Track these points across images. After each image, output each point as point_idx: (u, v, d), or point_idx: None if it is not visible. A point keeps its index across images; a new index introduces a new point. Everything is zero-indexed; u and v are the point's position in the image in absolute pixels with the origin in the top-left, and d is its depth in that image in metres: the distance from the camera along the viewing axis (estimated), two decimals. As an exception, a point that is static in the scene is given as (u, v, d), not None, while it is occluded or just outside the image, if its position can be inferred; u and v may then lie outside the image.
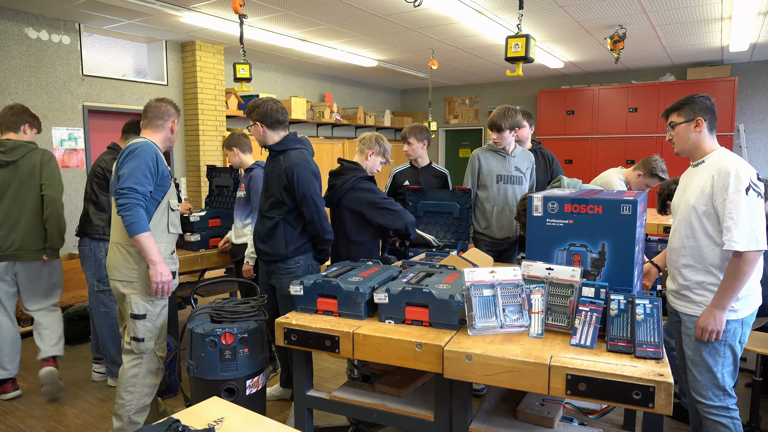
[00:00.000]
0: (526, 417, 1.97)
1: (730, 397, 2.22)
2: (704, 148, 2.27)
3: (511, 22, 5.33)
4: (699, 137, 2.27)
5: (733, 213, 2.06)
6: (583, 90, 8.35)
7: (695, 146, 2.28)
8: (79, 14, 5.20)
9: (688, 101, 2.29)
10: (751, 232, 2.04)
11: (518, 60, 3.51)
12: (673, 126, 2.33)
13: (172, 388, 3.39)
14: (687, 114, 2.28)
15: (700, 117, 2.25)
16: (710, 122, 2.26)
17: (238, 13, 4.24)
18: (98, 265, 3.40)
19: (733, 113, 7.19)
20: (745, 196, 2.06)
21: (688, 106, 2.28)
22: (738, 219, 2.05)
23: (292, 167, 2.74)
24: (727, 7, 4.98)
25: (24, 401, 3.38)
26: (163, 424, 1.38)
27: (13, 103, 3.47)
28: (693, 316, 2.25)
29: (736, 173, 2.09)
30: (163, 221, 2.60)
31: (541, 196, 2.05)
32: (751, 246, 2.04)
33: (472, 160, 3.55)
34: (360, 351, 1.94)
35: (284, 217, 2.82)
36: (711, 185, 2.16)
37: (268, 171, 2.91)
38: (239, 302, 2.57)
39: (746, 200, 2.06)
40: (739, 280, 2.08)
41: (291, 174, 2.73)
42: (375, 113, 9.63)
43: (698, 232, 2.21)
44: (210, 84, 6.58)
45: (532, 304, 1.88)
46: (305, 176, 2.74)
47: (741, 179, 2.08)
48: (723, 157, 2.19)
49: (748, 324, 2.23)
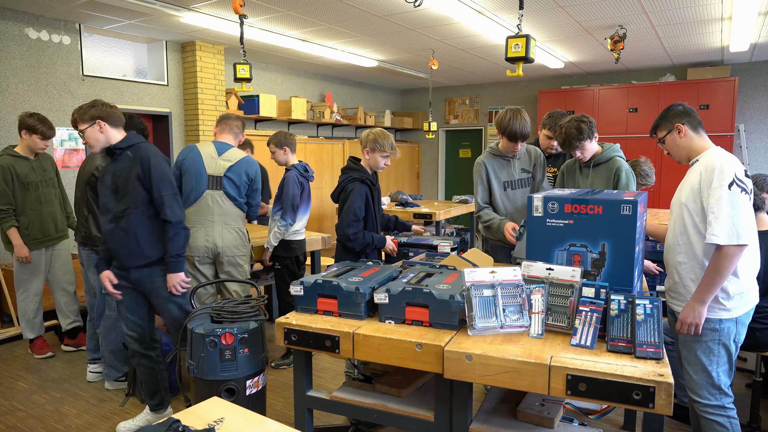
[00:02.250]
0: (527, 417, 1.97)
1: (727, 396, 2.23)
2: (696, 149, 2.33)
3: (511, 22, 5.33)
4: (687, 141, 2.34)
5: (714, 207, 2.11)
6: (584, 90, 8.35)
7: (688, 149, 2.35)
8: (79, 14, 5.20)
9: (663, 115, 2.40)
10: (732, 227, 2.07)
11: (518, 60, 3.51)
12: (662, 141, 2.42)
13: (173, 388, 3.39)
14: (666, 126, 2.38)
15: (677, 123, 2.33)
16: (690, 123, 2.33)
17: (238, 14, 4.24)
18: None
19: (733, 113, 7.19)
20: (727, 191, 2.10)
21: (663, 119, 2.39)
22: (719, 213, 2.09)
23: (147, 155, 2.70)
24: (727, 7, 4.99)
25: (24, 401, 3.38)
26: (163, 424, 1.38)
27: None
28: None
29: (720, 169, 2.13)
30: None
31: (541, 197, 2.05)
32: (731, 240, 2.07)
33: (478, 169, 3.31)
34: (360, 351, 1.94)
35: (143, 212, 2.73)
36: (699, 182, 2.20)
37: (115, 171, 2.74)
38: (239, 302, 2.57)
39: (728, 195, 2.09)
40: (719, 275, 2.11)
41: (147, 161, 2.69)
42: (375, 113, 9.63)
43: (690, 229, 2.24)
44: (210, 84, 6.58)
45: (532, 305, 1.88)
46: (160, 161, 2.74)
47: (724, 174, 2.12)
48: (712, 154, 2.24)
49: (743, 323, 2.24)
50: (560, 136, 3.10)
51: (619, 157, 3.14)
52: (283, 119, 7.69)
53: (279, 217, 3.76)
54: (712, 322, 2.21)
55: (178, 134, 6.62)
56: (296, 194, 3.74)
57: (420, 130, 10.58)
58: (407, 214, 6.00)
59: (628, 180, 3.06)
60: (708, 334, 2.22)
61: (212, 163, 3.32)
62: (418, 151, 10.87)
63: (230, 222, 3.37)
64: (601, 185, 3.13)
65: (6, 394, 3.47)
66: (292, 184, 3.72)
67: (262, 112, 7.20)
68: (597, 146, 3.16)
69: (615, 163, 3.10)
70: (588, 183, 3.18)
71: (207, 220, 3.32)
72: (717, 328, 2.20)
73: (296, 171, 3.80)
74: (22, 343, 4.39)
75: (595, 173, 3.16)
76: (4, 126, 5.00)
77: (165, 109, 6.44)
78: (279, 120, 7.72)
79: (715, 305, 2.20)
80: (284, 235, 3.78)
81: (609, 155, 3.14)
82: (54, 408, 3.30)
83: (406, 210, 6.08)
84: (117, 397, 3.43)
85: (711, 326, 2.21)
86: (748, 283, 2.24)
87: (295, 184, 3.75)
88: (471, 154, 10.42)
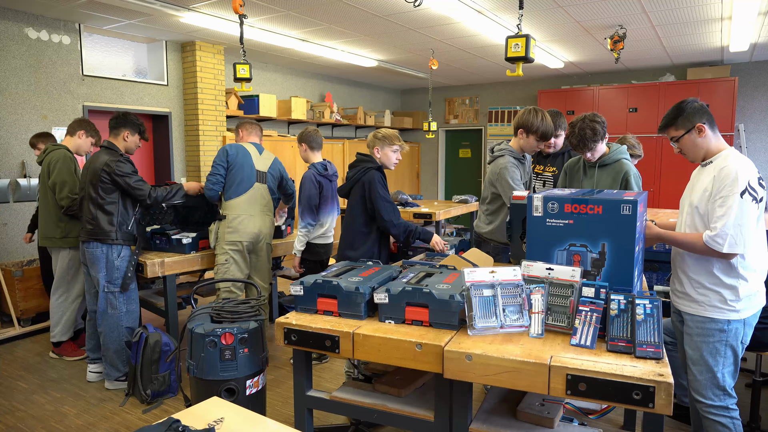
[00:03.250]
0: (526, 417, 1.97)
1: (730, 397, 2.22)
2: (713, 149, 2.27)
3: (511, 22, 5.33)
4: (706, 141, 2.26)
5: (721, 213, 2.10)
6: (583, 90, 8.35)
7: (707, 150, 2.28)
8: (79, 14, 5.20)
9: (680, 111, 2.28)
10: (737, 236, 2.08)
11: (518, 60, 3.51)
12: (676, 140, 2.32)
13: (172, 388, 3.39)
14: (684, 124, 2.27)
15: (698, 123, 2.25)
16: (710, 123, 2.26)
17: (238, 13, 4.23)
18: (110, 267, 3.41)
19: (733, 113, 7.19)
20: (738, 199, 2.08)
21: (681, 116, 2.27)
22: (726, 221, 2.08)
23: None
24: (727, 7, 4.98)
25: (24, 401, 3.38)
26: (163, 424, 1.38)
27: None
28: (695, 316, 2.26)
29: (735, 176, 2.10)
30: None
31: (541, 196, 2.05)
32: (732, 249, 2.09)
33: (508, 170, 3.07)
34: (360, 351, 1.94)
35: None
36: (712, 186, 2.17)
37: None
38: (239, 302, 2.57)
39: (739, 203, 2.08)
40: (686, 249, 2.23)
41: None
42: (375, 113, 9.63)
43: (699, 229, 2.22)
44: (210, 84, 6.58)
45: (532, 304, 1.88)
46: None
47: (738, 182, 2.09)
48: (728, 158, 2.19)
49: (750, 325, 2.23)
50: (574, 137, 3.06)
51: (625, 160, 3.12)
52: (283, 119, 7.69)
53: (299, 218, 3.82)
54: (720, 323, 2.19)
55: (178, 134, 6.61)
56: (312, 194, 3.75)
57: (420, 130, 10.58)
58: (407, 214, 6.00)
59: (637, 184, 3.05)
60: (716, 335, 2.21)
61: (258, 161, 3.81)
62: (418, 151, 10.87)
63: (268, 212, 3.87)
64: (606, 186, 3.11)
65: (6, 394, 3.47)
66: (308, 184, 3.76)
67: (261, 112, 7.20)
68: (605, 147, 3.16)
69: (622, 167, 3.08)
70: (593, 183, 3.17)
71: (256, 210, 3.76)
72: (725, 329, 2.19)
73: (314, 170, 3.82)
74: (22, 343, 4.39)
75: (600, 174, 3.15)
76: (3, 126, 5.00)
77: (165, 109, 6.44)
78: (279, 120, 7.72)
79: (724, 306, 2.19)
80: (309, 237, 3.81)
81: (616, 157, 3.12)
82: (54, 408, 3.30)
83: (406, 210, 6.08)
84: (117, 397, 3.43)
85: (719, 327, 2.20)
86: (756, 285, 2.22)
87: (312, 183, 3.76)
88: (471, 154, 10.42)
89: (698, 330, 2.25)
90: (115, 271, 3.41)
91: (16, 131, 5.07)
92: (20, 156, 5.12)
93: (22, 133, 5.12)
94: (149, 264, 3.47)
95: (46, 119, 5.27)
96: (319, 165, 3.85)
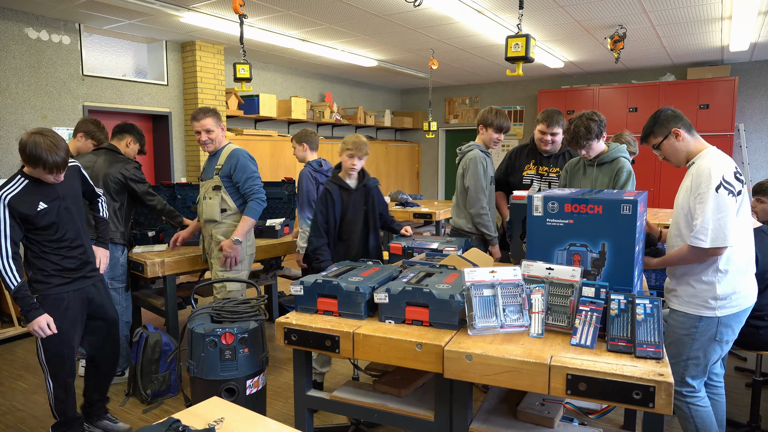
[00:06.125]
0: (527, 417, 1.96)
1: (686, 386, 2.34)
2: (693, 151, 2.35)
3: (511, 22, 5.33)
4: (685, 144, 2.35)
5: (699, 211, 2.16)
6: (583, 90, 8.35)
7: (687, 153, 2.37)
8: (79, 14, 5.20)
9: (655, 120, 2.40)
10: (717, 229, 2.12)
11: (518, 60, 3.51)
12: (657, 147, 2.42)
13: (173, 388, 3.39)
14: (661, 132, 2.38)
15: (674, 128, 2.34)
16: (685, 127, 2.35)
17: (238, 13, 4.24)
18: (114, 264, 3.48)
19: (733, 113, 7.19)
20: (714, 194, 2.13)
21: (657, 125, 2.39)
22: (704, 217, 2.14)
23: None
24: (727, 6, 4.98)
25: (24, 401, 3.38)
26: (163, 424, 1.37)
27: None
28: (676, 311, 2.35)
29: (709, 172, 2.17)
30: None
31: (541, 196, 2.05)
32: (716, 243, 2.13)
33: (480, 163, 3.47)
34: (360, 351, 1.94)
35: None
36: (691, 185, 2.25)
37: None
38: (239, 302, 2.57)
39: (714, 198, 2.13)
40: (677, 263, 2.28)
41: None
42: (375, 113, 9.63)
43: (683, 231, 2.29)
44: (210, 84, 6.58)
45: (532, 304, 1.88)
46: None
47: (712, 178, 2.15)
48: (705, 156, 2.27)
49: (727, 324, 2.26)
50: (568, 133, 3.09)
51: (623, 158, 3.13)
52: (283, 119, 7.69)
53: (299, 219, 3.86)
54: (693, 318, 2.27)
55: (178, 134, 6.62)
56: (310, 189, 3.79)
57: (420, 129, 10.58)
58: (407, 214, 6.00)
59: (628, 181, 3.05)
60: (685, 329, 2.29)
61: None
62: (418, 151, 10.87)
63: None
64: (604, 184, 3.12)
65: (6, 394, 3.47)
66: (305, 180, 3.81)
67: (261, 112, 7.20)
68: (603, 145, 3.16)
69: (618, 163, 3.10)
70: (591, 182, 3.18)
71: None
72: (696, 325, 2.27)
73: (309, 167, 3.87)
74: (22, 343, 4.39)
75: (599, 172, 3.15)
76: (4, 126, 5.00)
77: (165, 109, 6.44)
78: (279, 120, 7.72)
79: (701, 303, 2.26)
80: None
81: (614, 155, 3.13)
82: (54, 408, 3.29)
83: (406, 210, 6.08)
84: (117, 397, 3.43)
85: (691, 322, 2.28)
86: (739, 285, 2.25)
87: (309, 179, 3.81)
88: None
89: (674, 322, 2.36)
90: (119, 268, 3.53)
91: (16, 131, 5.07)
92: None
93: (22, 132, 5.11)
94: (149, 264, 3.48)
95: (46, 119, 5.27)
96: (315, 162, 3.92)
